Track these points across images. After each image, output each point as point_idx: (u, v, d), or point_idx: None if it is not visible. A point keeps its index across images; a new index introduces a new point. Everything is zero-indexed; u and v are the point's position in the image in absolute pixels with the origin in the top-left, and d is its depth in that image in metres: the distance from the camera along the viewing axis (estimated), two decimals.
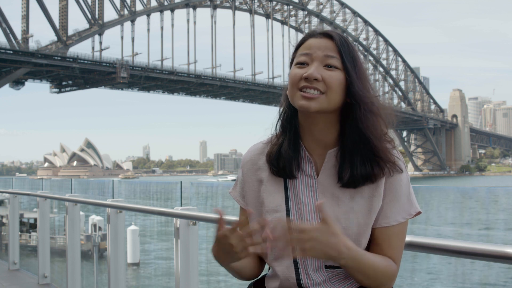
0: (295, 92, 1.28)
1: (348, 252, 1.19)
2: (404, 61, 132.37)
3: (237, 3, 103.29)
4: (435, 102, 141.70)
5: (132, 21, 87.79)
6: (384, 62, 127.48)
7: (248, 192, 1.42)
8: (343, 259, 1.19)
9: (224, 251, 1.24)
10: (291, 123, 1.36)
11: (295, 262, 1.32)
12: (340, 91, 1.27)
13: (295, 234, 1.14)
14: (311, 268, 1.30)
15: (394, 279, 1.30)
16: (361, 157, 1.27)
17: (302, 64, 1.30)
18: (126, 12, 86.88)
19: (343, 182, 1.28)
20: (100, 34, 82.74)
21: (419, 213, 1.32)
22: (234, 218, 2.70)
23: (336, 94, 1.26)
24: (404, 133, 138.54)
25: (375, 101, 1.31)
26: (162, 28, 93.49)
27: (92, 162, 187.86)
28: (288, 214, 1.32)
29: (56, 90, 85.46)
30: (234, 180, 1.54)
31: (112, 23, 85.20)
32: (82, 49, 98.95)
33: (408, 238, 1.70)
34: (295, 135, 1.35)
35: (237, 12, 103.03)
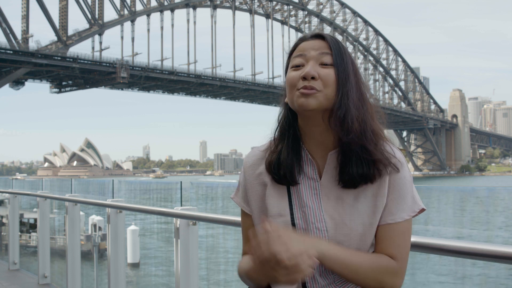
0: (294, 92, 1.28)
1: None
2: (404, 61, 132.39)
3: (237, 3, 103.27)
4: (435, 102, 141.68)
5: (132, 21, 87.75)
6: (384, 62, 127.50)
7: (252, 197, 1.39)
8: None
9: (264, 274, 1.17)
10: (290, 129, 1.35)
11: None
12: (336, 87, 1.27)
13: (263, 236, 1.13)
14: (317, 272, 1.29)
15: (397, 277, 1.27)
16: (356, 157, 1.26)
17: (297, 67, 1.30)
18: (126, 12, 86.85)
19: (344, 183, 1.27)
20: (100, 34, 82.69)
21: (423, 210, 1.32)
22: (234, 218, 2.70)
23: (333, 90, 1.27)
24: (404, 133, 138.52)
25: (368, 99, 1.31)
26: (162, 28, 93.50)
27: (92, 162, 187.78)
28: (292, 218, 1.31)
29: (56, 90, 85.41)
30: None
31: (112, 23, 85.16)
32: (82, 49, 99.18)
33: None
34: (294, 140, 1.34)
35: (237, 12, 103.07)
